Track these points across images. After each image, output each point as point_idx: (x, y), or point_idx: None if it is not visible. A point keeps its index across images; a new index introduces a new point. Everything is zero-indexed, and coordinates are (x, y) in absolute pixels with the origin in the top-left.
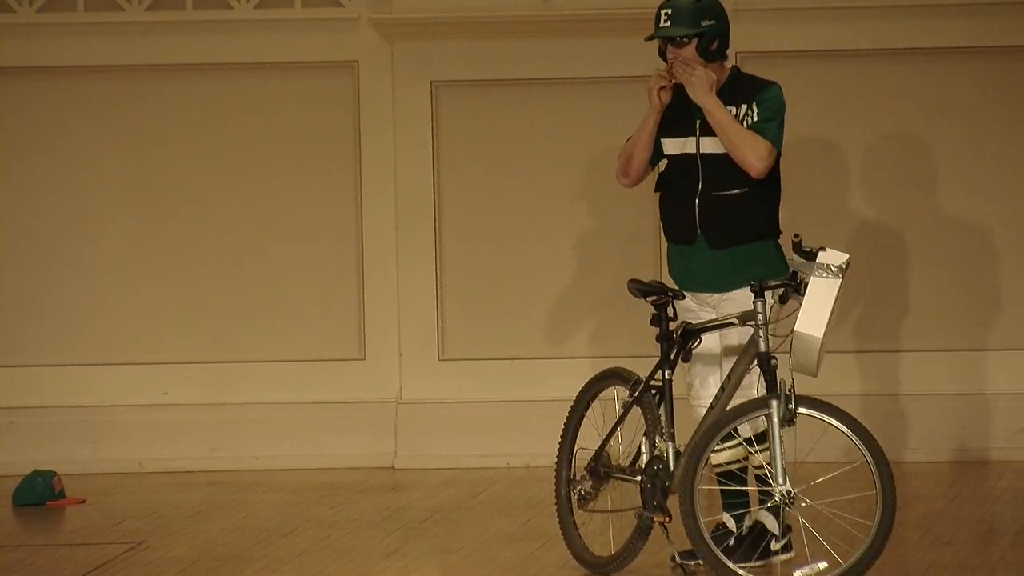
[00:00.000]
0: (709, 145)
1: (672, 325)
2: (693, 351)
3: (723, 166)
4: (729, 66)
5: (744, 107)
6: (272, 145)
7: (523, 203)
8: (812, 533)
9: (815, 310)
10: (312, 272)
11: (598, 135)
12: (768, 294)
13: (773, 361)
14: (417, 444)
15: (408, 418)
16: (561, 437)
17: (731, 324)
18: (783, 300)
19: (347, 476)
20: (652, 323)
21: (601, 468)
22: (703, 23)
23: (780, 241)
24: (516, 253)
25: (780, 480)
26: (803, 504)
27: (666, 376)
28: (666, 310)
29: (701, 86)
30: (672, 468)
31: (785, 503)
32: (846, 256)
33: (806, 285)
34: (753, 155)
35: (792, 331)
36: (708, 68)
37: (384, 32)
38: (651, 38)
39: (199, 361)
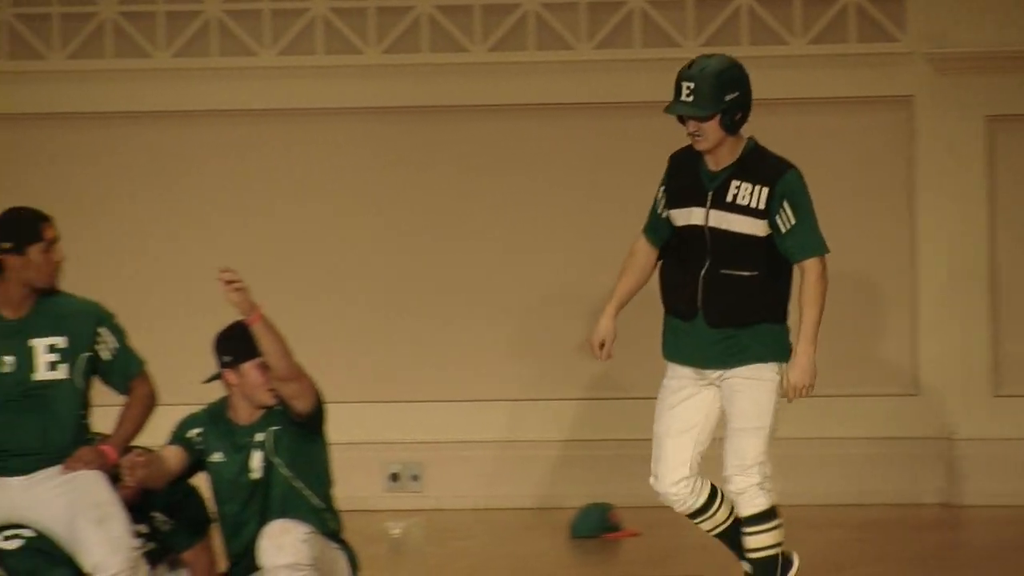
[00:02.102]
0: (719, 220)
1: None
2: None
3: (734, 244)
4: (746, 136)
5: (760, 188)
6: (825, 177)
7: None
8: None
9: None
10: (863, 304)
11: None
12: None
13: None
14: (971, 481)
15: (962, 455)
16: None
17: None
18: None
19: (897, 512)
20: None
21: None
22: (727, 97)
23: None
24: None
25: None
26: None
27: None
28: None
29: (806, 378)
30: None
31: None
32: None
33: None
34: (824, 287)
35: None
36: (726, 141)
37: (938, 67)
38: (672, 112)
39: None
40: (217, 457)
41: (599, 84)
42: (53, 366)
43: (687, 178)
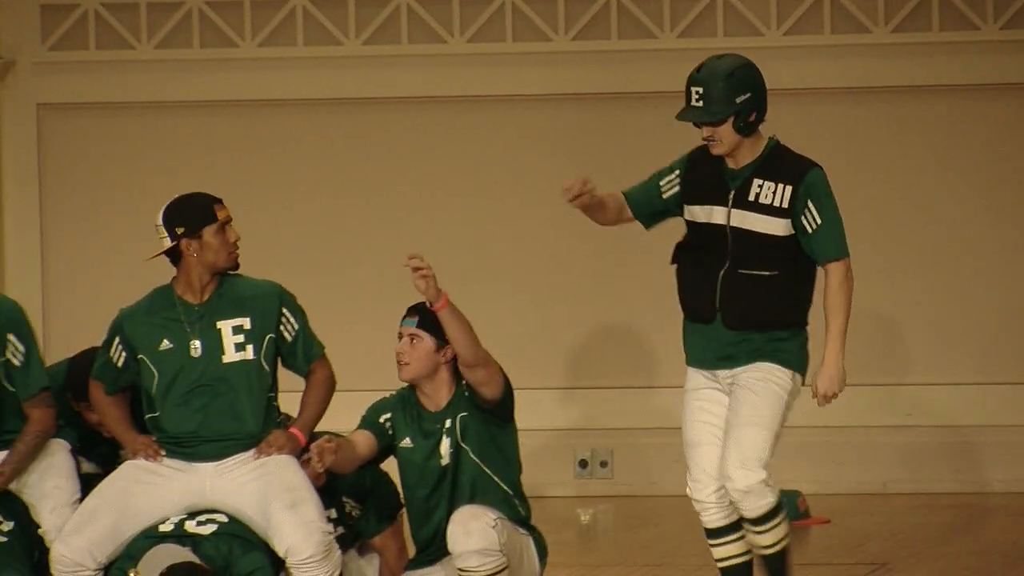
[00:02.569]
0: (742, 220)
1: None
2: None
3: (755, 244)
4: (767, 136)
5: (784, 187)
6: None
7: None
8: None
9: None
10: None
11: None
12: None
13: None
14: None
15: None
16: None
17: None
18: None
19: None
20: None
21: None
22: (738, 99)
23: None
24: None
25: None
26: None
27: None
28: None
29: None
30: None
31: None
32: None
33: None
34: (850, 291)
35: None
36: (744, 142)
37: None
38: (682, 119)
39: (944, 383)
40: (406, 443)
41: (788, 71)
42: (240, 348)
43: (708, 174)
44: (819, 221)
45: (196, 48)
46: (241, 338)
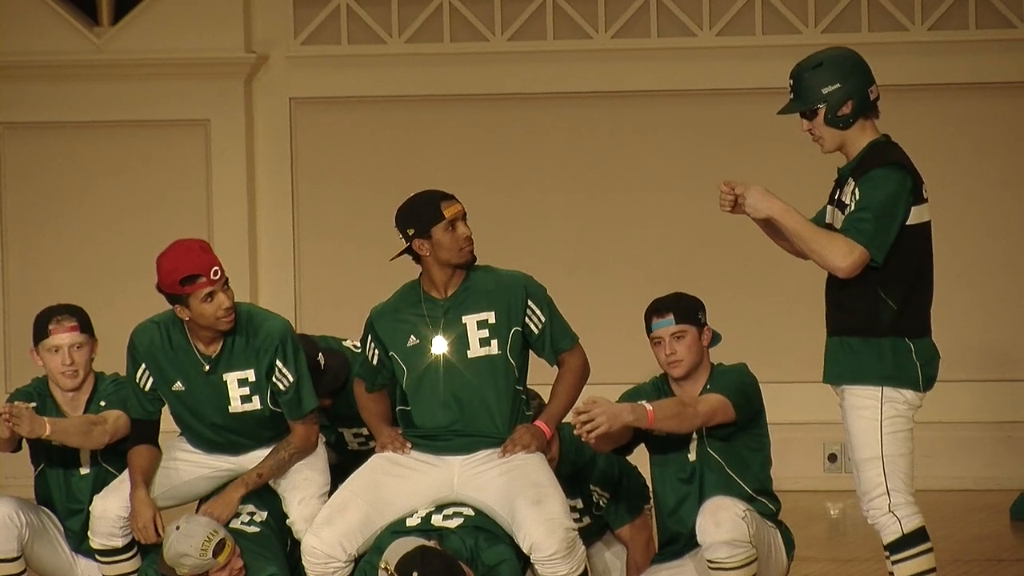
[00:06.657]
0: (833, 218)
1: None
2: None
3: None
4: (871, 135)
5: (855, 184)
6: None
7: None
8: None
9: None
10: None
11: None
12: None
13: None
14: None
15: None
16: None
17: None
18: None
19: None
20: None
21: None
22: (824, 90)
23: (913, 341)
24: None
25: None
26: None
27: None
28: None
29: (755, 205)
30: None
31: None
32: None
33: None
34: (832, 257)
35: None
36: (849, 137)
37: None
38: (778, 113)
39: None
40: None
41: None
42: (485, 343)
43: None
44: (853, 207)
45: (446, 42)
46: (486, 333)
